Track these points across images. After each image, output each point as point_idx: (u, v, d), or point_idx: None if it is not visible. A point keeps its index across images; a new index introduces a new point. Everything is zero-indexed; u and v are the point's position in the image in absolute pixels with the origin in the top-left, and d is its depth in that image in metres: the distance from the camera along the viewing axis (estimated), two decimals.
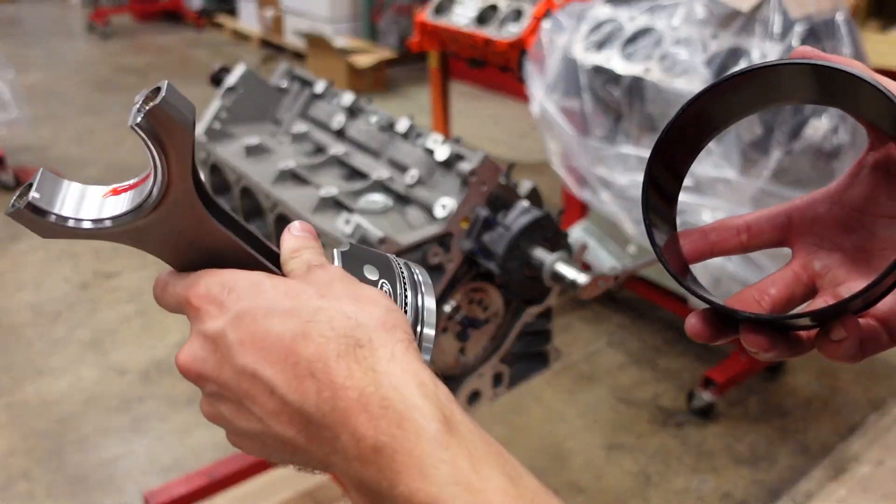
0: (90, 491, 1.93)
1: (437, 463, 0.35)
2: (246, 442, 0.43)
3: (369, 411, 0.36)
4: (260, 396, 0.39)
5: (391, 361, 0.38)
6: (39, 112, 4.46)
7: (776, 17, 1.66)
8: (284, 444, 0.40)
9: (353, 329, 0.39)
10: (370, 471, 0.36)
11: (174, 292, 0.44)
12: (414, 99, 5.09)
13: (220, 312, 0.41)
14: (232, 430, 0.43)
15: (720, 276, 1.80)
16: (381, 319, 0.40)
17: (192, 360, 0.42)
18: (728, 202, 1.69)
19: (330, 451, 0.38)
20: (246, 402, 0.40)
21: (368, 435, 0.36)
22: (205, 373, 0.41)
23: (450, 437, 0.36)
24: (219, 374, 0.41)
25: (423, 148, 1.17)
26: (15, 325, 2.63)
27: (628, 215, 1.89)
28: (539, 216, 1.08)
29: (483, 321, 1.18)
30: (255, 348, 0.39)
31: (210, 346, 0.41)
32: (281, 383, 0.38)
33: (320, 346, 0.38)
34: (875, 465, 2.00)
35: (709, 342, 0.47)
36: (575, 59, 1.97)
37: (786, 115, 1.65)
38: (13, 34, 6.99)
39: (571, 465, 2.01)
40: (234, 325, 0.40)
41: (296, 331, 0.39)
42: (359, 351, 0.38)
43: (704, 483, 1.96)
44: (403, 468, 0.35)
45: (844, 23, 1.67)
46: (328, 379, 0.37)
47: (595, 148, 1.90)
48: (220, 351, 0.41)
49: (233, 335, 0.40)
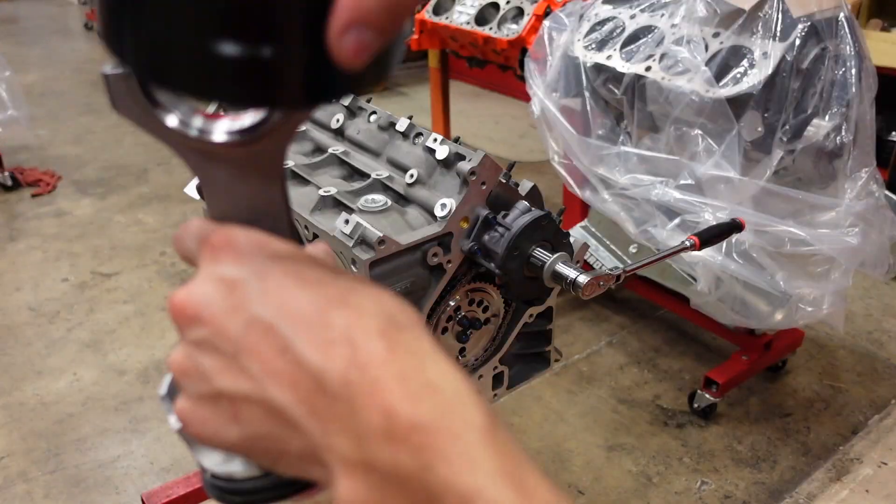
0: (89, 492, 1.92)
1: (484, 454, 0.32)
2: (209, 410, 0.38)
3: (410, 390, 0.33)
4: (267, 352, 0.35)
5: (436, 352, 0.35)
6: (37, 111, 4.45)
7: (778, 16, 1.65)
8: (269, 415, 0.36)
9: (397, 311, 0.36)
10: (399, 450, 0.32)
11: (200, 229, 0.40)
12: (414, 98, 5.08)
13: (246, 261, 0.37)
14: (203, 391, 0.38)
15: (722, 276, 1.79)
16: (420, 318, 0.37)
17: (194, 298, 0.38)
18: (729, 202, 1.69)
19: (336, 428, 0.33)
20: (243, 356, 0.36)
21: (405, 411, 0.32)
22: (206, 315, 0.37)
23: (496, 433, 0.33)
24: (223, 321, 0.36)
25: (422, 147, 1.16)
26: (13, 326, 2.62)
27: (629, 215, 1.88)
28: (539, 216, 1.07)
29: (483, 322, 1.17)
30: (279, 302, 0.35)
31: (223, 290, 0.37)
32: (302, 343, 0.34)
33: (361, 317, 0.35)
34: (877, 466, 1.99)
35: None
36: (576, 57, 1.96)
37: (787, 114, 1.64)
38: (11, 33, 6.98)
39: (572, 465, 2.01)
40: (259, 275, 0.37)
41: (332, 297, 0.36)
42: (403, 333, 0.35)
43: (705, 484, 1.95)
44: (445, 451, 0.32)
45: (846, 21, 1.66)
46: (365, 349, 0.34)
47: (596, 147, 1.89)
48: (236, 296, 0.36)
49: (256, 284, 0.36)
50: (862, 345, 2.50)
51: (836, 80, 1.64)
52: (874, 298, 2.74)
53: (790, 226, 1.66)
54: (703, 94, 1.68)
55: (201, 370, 0.37)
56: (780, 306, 1.83)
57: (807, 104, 1.65)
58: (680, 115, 1.74)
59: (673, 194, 1.75)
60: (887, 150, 2.90)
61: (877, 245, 1.70)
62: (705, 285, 1.82)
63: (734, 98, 1.65)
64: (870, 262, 1.71)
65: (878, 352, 2.46)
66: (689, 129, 1.75)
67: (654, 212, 1.81)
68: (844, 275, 1.73)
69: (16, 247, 3.14)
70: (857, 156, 1.67)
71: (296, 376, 0.34)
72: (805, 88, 1.64)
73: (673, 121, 1.76)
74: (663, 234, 1.77)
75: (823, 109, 1.65)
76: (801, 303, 1.79)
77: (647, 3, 1.93)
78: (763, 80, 1.62)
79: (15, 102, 3.32)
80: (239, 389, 0.36)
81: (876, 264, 1.72)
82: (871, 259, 1.71)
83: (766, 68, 1.62)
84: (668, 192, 1.76)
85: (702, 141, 1.72)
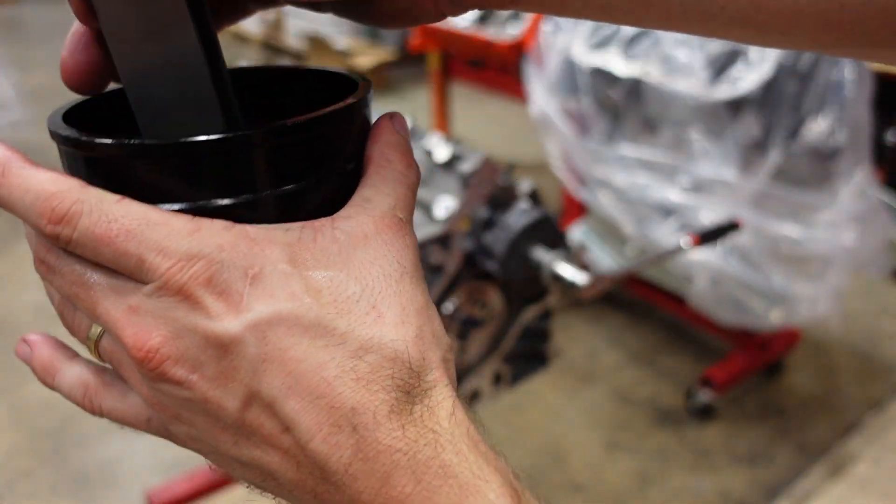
0: (93, 489, 1.94)
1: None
2: (195, 446, 0.33)
3: (422, 480, 0.29)
4: (269, 429, 0.30)
5: (453, 420, 0.30)
6: (42, 113, 4.47)
7: None
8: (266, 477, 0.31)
9: (414, 373, 0.30)
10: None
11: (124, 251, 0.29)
12: (414, 100, 5.10)
13: (234, 310, 0.29)
14: (189, 437, 0.32)
15: (719, 277, 1.81)
16: (442, 355, 0.32)
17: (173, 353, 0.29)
18: (727, 203, 1.70)
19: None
20: (243, 429, 0.30)
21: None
22: (193, 381, 0.30)
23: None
24: (216, 393, 0.30)
25: (423, 149, 1.18)
26: (18, 325, 2.63)
27: (628, 215, 1.90)
28: (539, 217, 1.08)
29: (483, 321, 1.19)
30: (281, 372, 0.29)
31: (213, 352, 0.29)
32: (307, 426, 0.29)
33: (372, 395, 0.29)
34: (873, 464, 2.01)
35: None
36: (575, 60, 1.97)
37: (784, 115, 1.66)
38: (16, 35, 7.00)
39: (571, 463, 2.02)
40: (258, 333, 0.29)
41: (343, 365, 0.29)
42: (416, 407, 0.30)
43: (703, 482, 1.97)
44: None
45: None
46: (373, 438, 0.29)
47: (595, 149, 1.91)
48: (229, 362, 0.29)
49: (254, 348, 0.29)
50: (858, 344, 2.51)
51: (833, 82, 1.66)
52: (871, 298, 2.76)
53: (787, 226, 1.68)
54: (700, 96, 1.70)
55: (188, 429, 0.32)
56: (777, 306, 1.85)
57: (803, 105, 1.67)
58: (678, 117, 1.76)
59: (671, 195, 1.76)
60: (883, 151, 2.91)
61: (873, 245, 1.71)
62: (703, 285, 1.83)
63: (731, 100, 1.67)
64: (866, 262, 1.73)
65: (874, 351, 2.48)
66: (686, 130, 1.77)
67: (652, 212, 1.83)
68: (841, 275, 1.75)
69: (20, 247, 3.15)
70: (853, 156, 1.68)
71: (299, 458, 0.30)
72: (801, 90, 1.66)
73: (671, 122, 1.78)
74: (661, 235, 1.79)
75: (820, 111, 1.67)
76: (797, 302, 1.81)
77: None
78: (760, 82, 1.64)
79: (20, 104, 3.34)
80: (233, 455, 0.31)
81: (872, 264, 1.74)
82: (868, 259, 1.73)
83: (763, 70, 1.64)
84: (665, 193, 1.78)
85: (699, 142, 1.74)
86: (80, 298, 0.32)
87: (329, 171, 0.33)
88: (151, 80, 0.33)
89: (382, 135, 0.34)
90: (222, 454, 0.32)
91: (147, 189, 0.30)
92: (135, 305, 0.30)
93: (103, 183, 0.31)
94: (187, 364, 0.29)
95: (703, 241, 1.37)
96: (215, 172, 0.30)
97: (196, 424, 0.31)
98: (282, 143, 0.31)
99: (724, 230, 1.44)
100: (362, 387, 0.29)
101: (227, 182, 0.30)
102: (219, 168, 0.30)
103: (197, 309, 0.29)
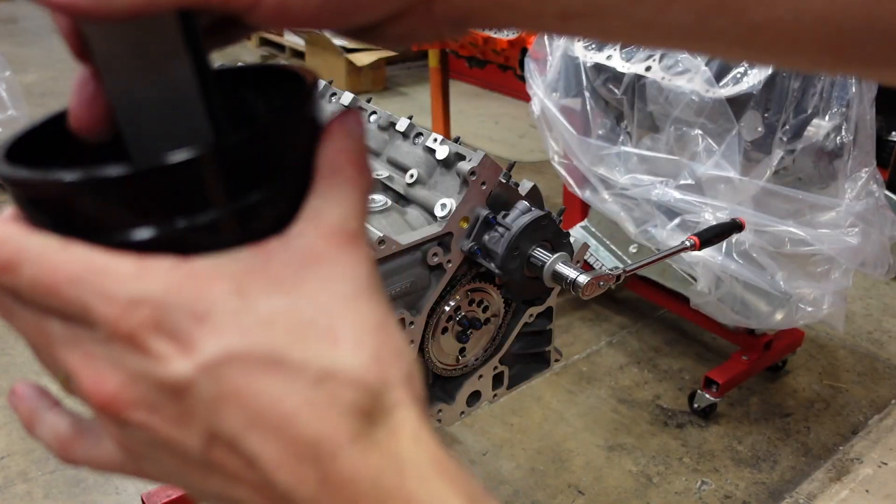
0: (88, 492, 1.92)
1: None
2: (170, 481, 0.33)
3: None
4: (233, 465, 0.29)
5: (416, 442, 0.30)
6: (37, 111, 4.44)
7: None
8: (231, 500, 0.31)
9: (374, 396, 0.29)
10: None
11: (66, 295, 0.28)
12: (413, 98, 5.08)
13: (185, 352, 0.28)
14: (161, 474, 0.32)
15: (722, 276, 1.79)
16: (404, 372, 0.31)
17: (128, 397, 0.29)
18: (729, 202, 1.69)
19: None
20: (205, 467, 0.30)
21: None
22: (151, 424, 0.29)
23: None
24: (175, 434, 0.29)
25: (422, 147, 1.16)
26: None
27: (629, 215, 1.88)
28: (539, 216, 1.07)
29: (483, 322, 1.17)
30: (239, 410, 0.28)
31: (169, 395, 0.29)
32: (270, 460, 0.29)
33: (331, 424, 0.29)
34: (877, 466, 1.99)
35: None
36: (575, 57, 1.96)
37: (787, 114, 1.64)
38: (11, 33, 6.99)
39: (572, 465, 2.01)
40: (211, 373, 0.28)
41: (300, 397, 0.29)
42: (378, 431, 0.29)
43: (705, 484, 1.95)
44: None
45: None
46: (336, 468, 0.29)
47: (596, 147, 1.89)
48: (186, 404, 0.28)
49: (208, 388, 0.28)
50: (862, 345, 2.50)
51: (836, 80, 1.64)
52: (874, 298, 2.74)
53: (790, 226, 1.66)
54: (703, 94, 1.68)
55: (155, 468, 0.32)
56: (780, 306, 1.83)
57: (807, 104, 1.65)
58: (680, 115, 1.74)
59: (673, 194, 1.75)
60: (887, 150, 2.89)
61: (877, 245, 1.70)
62: (705, 285, 1.82)
63: (734, 98, 1.65)
64: (870, 262, 1.71)
65: (879, 352, 2.46)
66: (689, 128, 1.75)
67: (654, 212, 1.81)
68: (844, 275, 1.73)
69: None
70: (857, 156, 1.67)
71: (266, 491, 0.29)
72: (805, 88, 1.64)
73: (673, 121, 1.76)
74: (663, 234, 1.77)
75: (823, 109, 1.65)
76: (801, 303, 1.79)
77: None
78: (763, 80, 1.62)
79: (15, 102, 3.32)
80: (211, 489, 0.31)
81: (876, 264, 1.72)
82: (871, 259, 1.71)
83: (765, 68, 1.62)
84: (668, 192, 1.76)
85: (702, 141, 1.72)
86: (38, 345, 0.31)
87: (282, 184, 0.31)
88: (144, 113, 0.32)
89: (333, 139, 0.33)
90: (195, 489, 0.31)
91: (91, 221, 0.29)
92: (89, 352, 0.29)
93: (48, 219, 0.30)
94: (145, 407, 0.29)
95: (705, 240, 1.35)
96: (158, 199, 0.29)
97: (164, 463, 0.31)
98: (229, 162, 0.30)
99: (727, 230, 1.42)
100: (322, 416, 0.29)
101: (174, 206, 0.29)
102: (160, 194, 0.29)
103: (147, 354, 0.28)
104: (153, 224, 0.29)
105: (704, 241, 1.34)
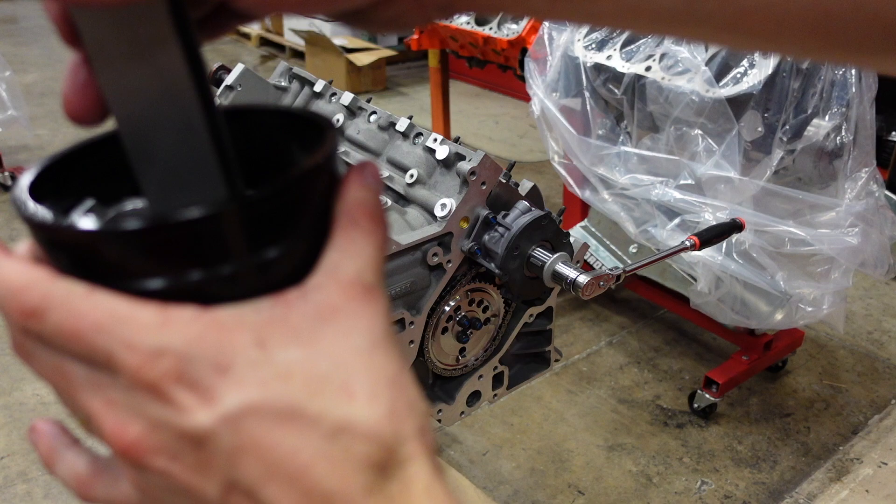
0: None
1: None
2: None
3: None
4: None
5: (428, 495, 0.31)
6: (37, 111, 4.45)
7: None
8: None
9: (388, 449, 0.30)
10: None
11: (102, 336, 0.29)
12: (413, 98, 5.08)
13: (206, 403, 0.29)
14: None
15: (722, 276, 1.79)
16: (418, 425, 0.31)
17: (150, 445, 0.29)
18: (729, 202, 1.69)
19: None
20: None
21: None
22: (172, 472, 0.30)
23: None
24: (195, 482, 0.30)
25: (422, 147, 1.16)
26: None
27: (629, 215, 1.88)
28: (539, 216, 1.07)
29: (483, 322, 1.17)
30: (257, 461, 0.29)
31: (189, 444, 0.29)
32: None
33: (345, 477, 0.29)
34: (877, 467, 1.99)
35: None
36: (576, 57, 1.96)
37: (787, 114, 1.64)
38: (11, 33, 6.98)
39: (572, 465, 2.00)
40: (231, 425, 0.29)
41: (316, 450, 0.29)
42: (392, 485, 0.30)
43: (705, 484, 1.95)
44: None
45: None
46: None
47: (596, 147, 1.89)
48: (206, 453, 0.29)
49: (228, 439, 0.29)
50: (862, 345, 2.50)
51: (836, 80, 1.64)
52: (874, 298, 2.74)
53: (790, 226, 1.66)
54: (703, 94, 1.68)
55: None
56: (780, 306, 1.83)
57: (807, 104, 1.65)
58: (680, 115, 1.74)
59: (673, 194, 1.75)
60: (887, 150, 2.90)
61: (877, 245, 1.70)
62: (705, 285, 1.82)
63: (734, 98, 1.65)
64: (870, 262, 1.71)
65: (879, 352, 2.46)
66: (689, 128, 1.75)
67: (654, 212, 1.81)
68: (844, 275, 1.73)
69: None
70: (857, 156, 1.67)
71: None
72: (805, 88, 1.64)
73: (673, 121, 1.76)
74: (663, 234, 1.77)
75: (823, 109, 1.65)
76: (801, 303, 1.79)
77: None
78: (763, 80, 1.62)
79: (15, 102, 3.32)
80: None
81: (876, 264, 1.72)
82: (871, 259, 1.71)
83: (766, 68, 1.62)
84: (668, 192, 1.76)
85: (702, 141, 1.72)
86: (60, 388, 0.32)
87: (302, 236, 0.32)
88: (137, 103, 0.32)
89: (350, 191, 0.34)
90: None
91: (112, 268, 0.29)
92: (111, 398, 0.30)
93: (69, 262, 0.30)
94: (166, 454, 0.30)
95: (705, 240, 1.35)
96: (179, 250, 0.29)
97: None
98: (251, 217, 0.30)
99: (727, 230, 1.42)
100: (337, 469, 0.29)
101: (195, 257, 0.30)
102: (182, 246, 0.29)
103: (169, 404, 0.29)
104: (174, 274, 0.29)
105: (704, 241, 1.34)
